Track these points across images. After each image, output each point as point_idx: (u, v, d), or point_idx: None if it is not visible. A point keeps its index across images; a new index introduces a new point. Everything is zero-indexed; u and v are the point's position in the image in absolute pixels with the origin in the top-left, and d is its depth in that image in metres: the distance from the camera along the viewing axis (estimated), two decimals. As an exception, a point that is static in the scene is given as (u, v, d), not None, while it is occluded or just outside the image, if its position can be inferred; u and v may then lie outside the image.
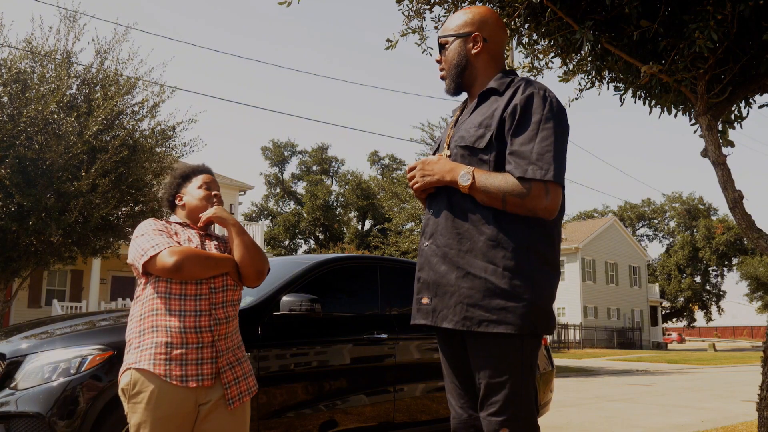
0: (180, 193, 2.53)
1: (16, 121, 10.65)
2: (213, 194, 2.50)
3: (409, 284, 4.91)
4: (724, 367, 22.00)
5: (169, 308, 2.24)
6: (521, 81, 2.08)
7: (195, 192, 2.49)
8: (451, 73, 2.17)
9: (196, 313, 2.25)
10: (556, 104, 2.01)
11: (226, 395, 2.28)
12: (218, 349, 2.29)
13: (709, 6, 3.15)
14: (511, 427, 1.94)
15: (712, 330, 69.65)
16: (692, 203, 56.14)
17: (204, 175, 2.54)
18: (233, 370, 2.34)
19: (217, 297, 2.32)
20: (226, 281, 2.35)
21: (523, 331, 1.93)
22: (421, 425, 4.61)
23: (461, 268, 1.99)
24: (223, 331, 2.31)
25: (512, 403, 1.95)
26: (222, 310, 2.32)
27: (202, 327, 2.25)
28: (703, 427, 7.05)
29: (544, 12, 3.59)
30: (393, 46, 3.92)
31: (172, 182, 2.55)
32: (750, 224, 3.76)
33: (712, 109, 3.81)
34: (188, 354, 2.22)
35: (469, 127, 2.08)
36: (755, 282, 48.52)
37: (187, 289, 2.27)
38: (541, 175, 1.91)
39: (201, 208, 2.46)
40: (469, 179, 1.96)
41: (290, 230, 49.27)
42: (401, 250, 24.77)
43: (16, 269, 11.88)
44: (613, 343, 39.22)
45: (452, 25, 2.19)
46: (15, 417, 3.12)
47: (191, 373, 2.22)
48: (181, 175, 2.54)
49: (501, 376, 1.95)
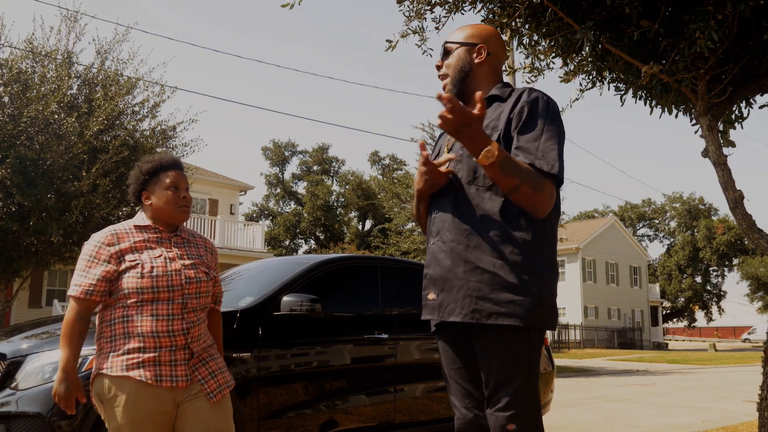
0: (146, 190, 2.37)
1: (16, 121, 10.66)
2: (182, 196, 2.37)
3: (409, 284, 4.93)
4: (724, 368, 21.99)
5: (141, 313, 2.21)
6: (523, 88, 2.19)
7: (162, 193, 2.34)
8: (455, 78, 2.24)
9: (169, 317, 2.22)
10: (558, 112, 2.15)
11: (204, 390, 2.27)
12: (191, 351, 2.28)
13: (710, 6, 3.15)
14: (517, 423, 1.97)
15: (712, 330, 69.60)
16: (693, 203, 56.12)
17: (173, 172, 2.37)
18: (206, 366, 2.32)
19: (191, 302, 2.29)
20: (199, 288, 2.32)
21: (531, 324, 1.99)
22: (421, 425, 4.61)
23: (469, 263, 2.04)
24: (195, 333, 2.29)
25: (520, 398, 1.99)
26: (194, 313, 2.30)
27: (175, 331, 2.22)
28: (704, 427, 7.05)
29: (545, 12, 3.59)
30: (393, 47, 3.91)
31: (138, 177, 2.38)
32: (751, 224, 3.76)
33: (712, 109, 3.81)
34: (161, 357, 2.21)
35: None
36: (756, 282, 48.48)
37: (160, 295, 2.22)
38: (548, 168, 1.99)
39: (168, 212, 2.34)
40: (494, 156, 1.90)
41: (291, 230, 49.26)
42: (402, 250, 24.76)
43: (16, 269, 11.90)
44: (613, 343, 39.19)
45: (459, 34, 2.29)
46: (16, 417, 3.12)
47: (165, 374, 2.20)
48: (148, 171, 2.37)
49: (510, 371, 2.00)
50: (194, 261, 2.36)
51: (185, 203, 2.37)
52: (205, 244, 2.50)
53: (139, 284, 2.21)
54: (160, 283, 2.22)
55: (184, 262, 2.32)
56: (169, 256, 2.31)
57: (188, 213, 2.40)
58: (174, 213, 2.35)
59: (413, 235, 24.42)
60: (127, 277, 2.22)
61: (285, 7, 3.62)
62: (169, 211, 2.35)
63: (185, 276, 2.28)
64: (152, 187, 2.36)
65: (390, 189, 27.65)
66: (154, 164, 2.38)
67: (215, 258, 2.52)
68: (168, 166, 2.38)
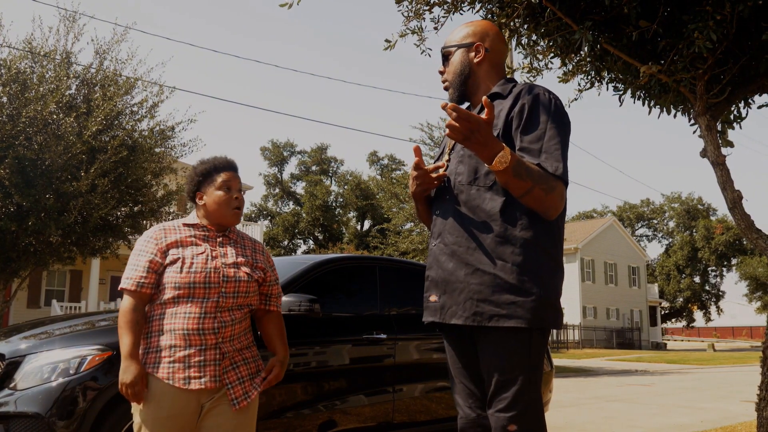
0: (201, 191, 2.42)
1: (15, 121, 10.65)
2: (234, 197, 2.40)
3: (408, 284, 4.94)
4: (723, 368, 22.00)
5: (176, 309, 2.23)
6: (525, 84, 2.15)
7: (214, 194, 2.38)
8: (455, 82, 2.23)
9: (201, 315, 2.23)
10: (561, 107, 2.09)
11: (229, 395, 2.26)
12: (222, 351, 2.27)
13: (708, 6, 3.15)
14: (519, 424, 1.96)
15: (711, 330, 69.66)
16: (691, 203, 56.18)
17: (225, 173, 2.41)
18: (237, 371, 2.31)
19: (227, 301, 2.28)
20: (237, 287, 2.31)
21: (533, 325, 1.97)
22: (420, 425, 4.61)
23: (470, 265, 2.03)
24: (228, 334, 2.28)
25: (521, 399, 1.97)
26: (228, 313, 2.29)
27: (206, 329, 2.23)
28: (703, 427, 7.05)
29: (544, 12, 3.59)
30: (392, 46, 3.92)
31: (193, 178, 2.44)
32: (749, 224, 3.76)
33: (711, 109, 3.81)
34: (191, 356, 2.21)
35: None
36: (754, 282, 48.54)
37: (196, 291, 2.24)
38: (553, 170, 1.97)
39: (220, 212, 2.37)
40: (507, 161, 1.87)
41: (289, 230, 49.25)
42: (400, 251, 24.75)
43: (15, 269, 11.88)
44: (612, 343, 39.22)
45: (455, 37, 2.26)
46: (14, 417, 3.12)
47: (194, 375, 2.21)
48: (202, 172, 2.42)
49: (511, 372, 1.98)
50: (237, 261, 2.36)
51: (237, 204, 2.40)
52: (254, 245, 2.50)
53: (177, 279, 2.23)
54: (196, 279, 2.24)
55: (226, 261, 2.33)
56: (212, 254, 2.33)
57: (240, 214, 2.43)
58: (225, 213, 2.38)
59: (412, 235, 24.42)
60: (169, 271, 2.26)
61: (284, 7, 3.62)
62: (221, 211, 2.38)
63: (223, 274, 2.29)
64: (206, 188, 2.41)
65: (389, 189, 27.66)
66: (208, 165, 2.43)
67: (267, 258, 2.51)
68: (221, 167, 2.42)
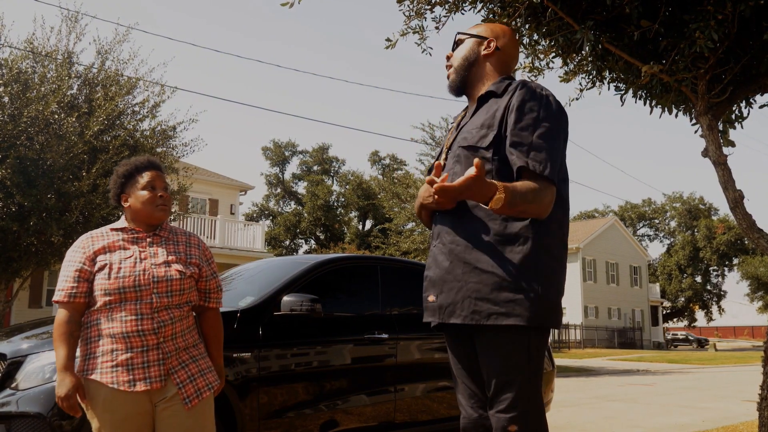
0: (125, 192, 2.38)
1: (17, 121, 10.66)
2: (158, 195, 2.36)
3: (409, 284, 4.93)
4: (724, 367, 21.99)
5: (111, 315, 2.21)
6: (519, 82, 2.13)
7: (138, 194, 2.35)
8: (460, 66, 2.26)
9: (137, 316, 2.21)
10: (554, 103, 2.06)
11: (181, 394, 2.24)
12: (165, 351, 2.25)
13: (710, 6, 3.15)
14: (519, 424, 1.94)
15: (712, 330, 69.61)
16: (693, 203, 56.11)
17: (148, 173, 2.37)
18: (186, 369, 2.29)
19: (162, 301, 2.25)
20: (170, 286, 2.27)
21: (532, 323, 1.95)
22: (421, 425, 4.61)
23: (468, 264, 2.02)
24: (169, 333, 2.26)
25: (521, 399, 1.96)
26: (166, 312, 2.26)
27: (145, 330, 2.20)
28: (704, 426, 7.05)
29: (545, 12, 3.59)
30: (393, 45, 3.91)
31: (116, 181, 2.40)
32: (751, 224, 3.76)
33: (712, 108, 3.81)
34: (134, 358, 2.19)
35: (471, 129, 2.13)
36: (756, 282, 48.48)
37: (127, 295, 2.21)
38: (540, 170, 1.95)
39: (145, 211, 2.34)
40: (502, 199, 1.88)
41: (291, 230, 49.24)
42: (402, 250, 24.74)
43: (16, 269, 11.89)
44: (613, 342, 39.20)
45: (473, 29, 2.32)
46: (16, 417, 3.12)
47: (139, 376, 2.19)
48: (123, 174, 2.38)
49: (510, 372, 1.97)
50: (168, 259, 2.33)
51: (162, 202, 2.36)
52: (189, 240, 2.46)
53: (106, 285, 2.22)
54: (126, 284, 2.22)
55: (155, 261, 2.30)
56: (140, 256, 2.30)
57: (166, 211, 2.39)
58: (151, 212, 2.35)
59: (413, 235, 24.42)
60: (97, 278, 2.24)
61: (285, 6, 3.62)
62: (146, 210, 2.34)
63: (153, 275, 2.26)
64: (129, 189, 2.37)
65: (390, 189, 27.64)
66: (129, 167, 2.39)
67: (203, 253, 2.47)
68: (143, 167, 2.39)
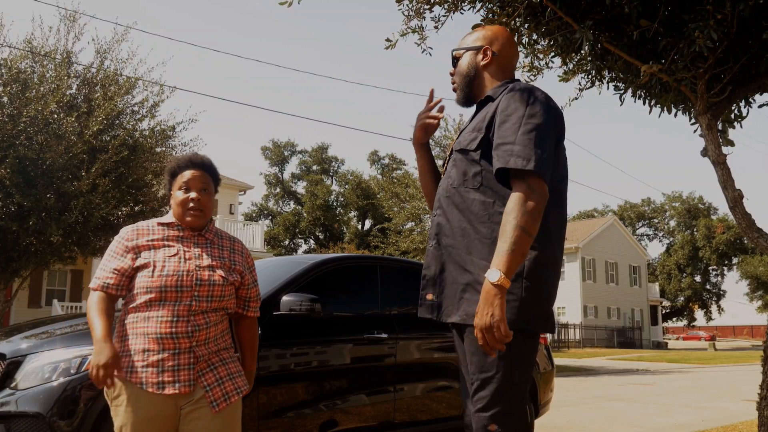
0: (171, 190, 2.36)
1: (16, 121, 10.66)
2: (189, 198, 2.30)
3: (409, 284, 4.93)
4: (724, 367, 22.00)
5: (148, 314, 2.19)
6: (511, 83, 2.16)
7: (176, 194, 2.32)
8: (461, 84, 2.29)
9: (173, 318, 2.18)
10: (543, 101, 2.05)
11: (208, 398, 2.21)
12: (197, 355, 2.22)
13: (709, 5, 3.15)
14: (499, 423, 1.95)
15: (712, 329, 69.64)
16: (692, 202, 56.14)
17: (186, 172, 2.32)
18: (215, 372, 2.26)
19: (200, 305, 2.23)
20: (212, 291, 2.25)
21: (514, 327, 1.94)
22: (421, 425, 4.61)
23: (461, 266, 2.07)
24: (203, 337, 2.23)
25: (500, 398, 1.96)
26: (202, 316, 2.23)
27: (179, 333, 2.18)
28: (704, 426, 7.05)
29: (544, 11, 3.59)
30: (392, 45, 3.91)
31: (166, 178, 2.39)
32: (750, 223, 3.76)
33: (712, 108, 3.81)
34: (165, 360, 2.17)
35: (465, 133, 2.20)
36: (755, 281, 48.56)
37: (168, 295, 2.19)
38: (522, 165, 1.93)
39: (178, 213, 2.31)
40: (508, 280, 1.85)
41: (290, 230, 49.25)
42: (401, 250, 24.72)
43: (16, 269, 11.88)
44: (613, 342, 39.22)
45: (465, 41, 2.33)
46: (15, 417, 3.12)
47: (168, 379, 2.17)
48: (170, 171, 2.36)
49: (488, 371, 1.98)
50: (212, 263, 2.29)
51: (195, 206, 2.30)
52: (233, 246, 2.42)
53: (148, 283, 2.19)
54: (168, 283, 2.19)
55: (200, 263, 2.26)
56: (185, 255, 2.26)
57: (199, 217, 2.31)
58: (181, 215, 2.31)
59: (412, 235, 24.39)
60: (140, 275, 2.21)
61: (283, 5, 3.61)
62: (178, 212, 2.32)
63: (197, 277, 2.23)
64: (172, 186, 2.36)
65: (389, 189, 27.60)
66: (173, 164, 2.36)
67: (246, 260, 2.43)
68: (183, 165, 2.34)
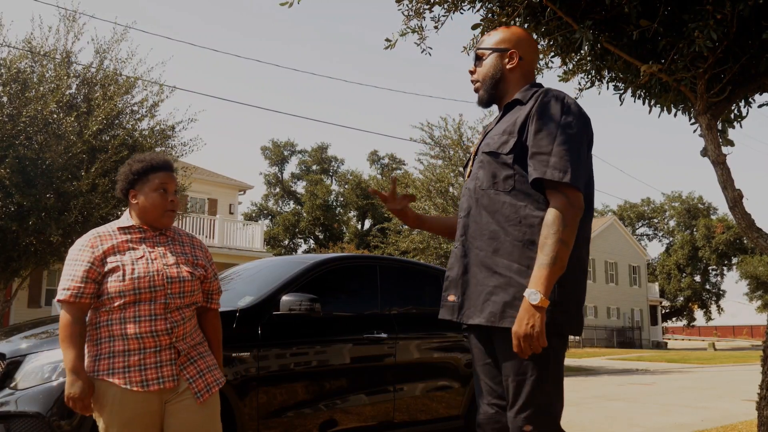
0: (134, 189, 2.35)
1: (15, 120, 10.65)
2: (170, 200, 2.35)
3: (408, 284, 4.95)
4: (723, 367, 22.00)
5: (124, 315, 2.20)
6: (543, 90, 2.17)
7: (150, 195, 2.32)
8: (486, 85, 2.29)
9: (152, 317, 2.21)
10: (576, 110, 2.09)
11: (192, 389, 2.26)
12: (178, 350, 2.26)
13: (709, 5, 3.15)
14: (534, 424, 1.99)
15: (711, 329, 69.64)
16: (692, 202, 56.13)
17: (162, 174, 2.35)
18: (195, 365, 2.31)
19: (175, 302, 2.26)
20: (183, 287, 2.28)
21: (547, 330, 1.96)
22: (420, 425, 4.62)
23: (489, 268, 2.08)
24: (181, 333, 2.27)
25: (535, 400, 2.01)
26: (178, 312, 2.27)
27: (159, 330, 2.21)
28: (703, 426, 7.05)
29: (544, 11, 3.59)
30: (392, 45, 3.91)
31: (127, 176, 2.35)
32: (750, 223, 3.76)
33: (711, 108, 3.81)
34: (146, 358, 2.20)
35: (494, 135, 2.19)
36: (755, 281, 48.55)
37: (142, 296, 2.21)
38: (559, 177, 1.97)
39: (154, 214, 2.33)
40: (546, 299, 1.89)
41: (290, 230, 49.23)
42: (401, 250, 24.73)
43: (16, 269, 11.88)
44: (612, 342, 39.22)
45: (491, 40, 2.30)
46: (15, 417, 3.12)
47: (151, 377, 2.19)
48: (137, 171, 2.34)
49: (524, 373, 2.02)
50: (177, 260, 2.33)
51: (172, 207, 2.36)
52: (192, 241, 2.47)
53: (120, 287, 2.20)
54: (141, 285, 2.21)
55: (167, 262, 2.30)
56: (151, 256, 2.29)
57: (173, 218, 2.38)
58: (159, 217, 2.34)
59: (412, 235, 24.40)
60: (110, 280, 2.22)
61: (284, 5, 3.61)
62: (155, 213, 2.34)
63: (166, 276, 2.27)
64: (140, 187, 2.35)
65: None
66: (144, 164, 2.36)
67: (206, 254, 2.48)
68: (159, 166, 2.36)
